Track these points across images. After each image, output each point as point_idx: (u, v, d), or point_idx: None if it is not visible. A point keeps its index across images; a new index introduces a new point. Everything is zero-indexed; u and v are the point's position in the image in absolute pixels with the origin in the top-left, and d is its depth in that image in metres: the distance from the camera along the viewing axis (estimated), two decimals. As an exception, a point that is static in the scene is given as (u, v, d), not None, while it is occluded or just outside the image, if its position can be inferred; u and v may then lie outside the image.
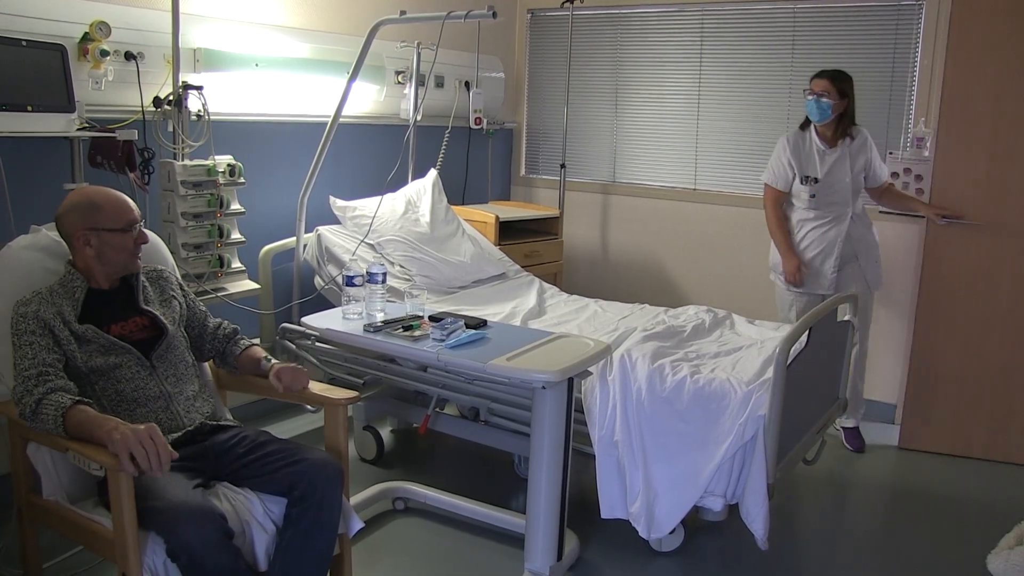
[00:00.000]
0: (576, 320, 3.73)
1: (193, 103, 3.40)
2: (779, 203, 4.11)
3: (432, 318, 2.97)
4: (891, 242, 4.41)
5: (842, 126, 3.98)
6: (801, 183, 4.00)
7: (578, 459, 3.00)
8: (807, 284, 4.06)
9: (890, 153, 4.36)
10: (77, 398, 2.16)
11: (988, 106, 4.07)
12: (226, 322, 2.71)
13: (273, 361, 2.59)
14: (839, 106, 3.91)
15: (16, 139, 2.86)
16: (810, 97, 3.93)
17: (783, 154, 4.05)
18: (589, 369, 2.88)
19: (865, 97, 4.44)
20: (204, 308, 2.71)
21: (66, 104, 2.93)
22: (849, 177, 3.96)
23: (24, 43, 2.81)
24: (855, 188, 4.00)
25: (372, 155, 4.56)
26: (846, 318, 3.36)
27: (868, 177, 4.06)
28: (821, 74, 3.93)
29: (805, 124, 4.06)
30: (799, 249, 4.06)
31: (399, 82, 4.53)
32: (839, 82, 3.90)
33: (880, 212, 4.41)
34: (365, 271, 3.08)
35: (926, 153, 4.29)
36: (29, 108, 2.81)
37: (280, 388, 2.52)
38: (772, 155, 4.14)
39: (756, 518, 2.79)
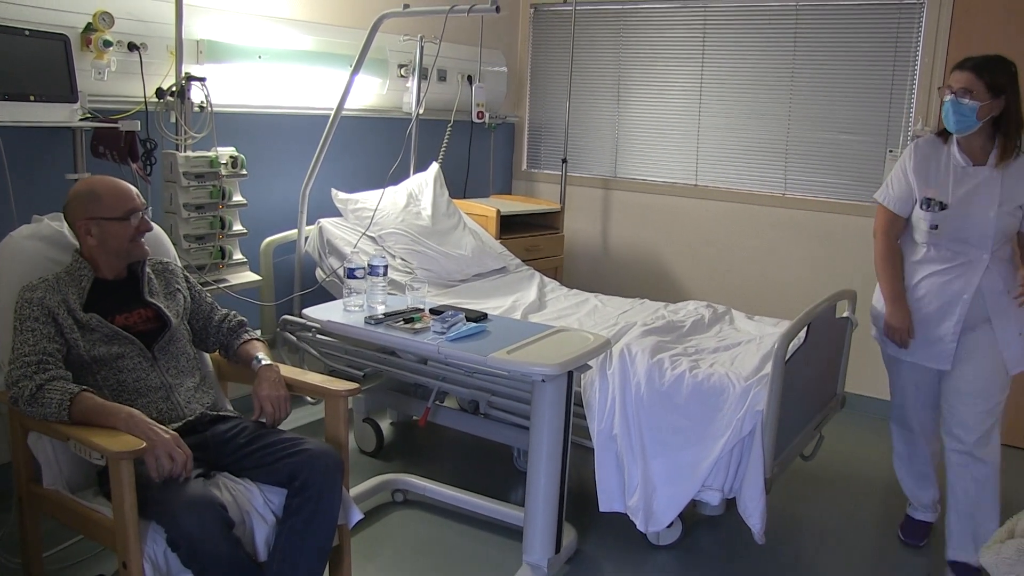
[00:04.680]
0: (576, 314, 3.74)
1: (196, 94, 3.40)
2: (893, 231, 3.02)
3: (433, 311, 2.98)
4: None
5: (999, 138, 2.81)
6: (921, 207, 2.91)
7: (577, 452, 3.01)
8: (916, 350, 3.03)
9: (890, 151, 4.37)
10: (83, 386, 2.18)
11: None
12: (233, 313, 2.71)
13: (263, 362, 2.54)
14: (989, 108, 2.76)
15: (18, 129, 2.86)
16: (947, 97, 2.81)
17: (906, 164, 2.97)
18: (589, 363, 2.89)
19: (865, 95, 4.46)
20: (211, 300, 2.72)
21: (69, 94, 2.93)
22: (994, 210, 2.79)
23: (27, 33, 2.82)
24: (1001, 227, 2.82)
25: (374, 148, 4.57)
26: (845, 315, 3.37)
27: None
28: (963, 64, 2.83)
29: (944, 131, 2.92)
30: (911, 300, 3.00)
31: (402, 75, 4.53)
32: (989, 74, 2.76)
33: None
34: (366, 264, 3.09)
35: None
36: (32, 98, 2.82)
37: (258, 415, 2.45)
38: (895, 165, 3.08)
39: (753, 512, 2.80)
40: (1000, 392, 2.93)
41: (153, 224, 2.55)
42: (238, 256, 3.55)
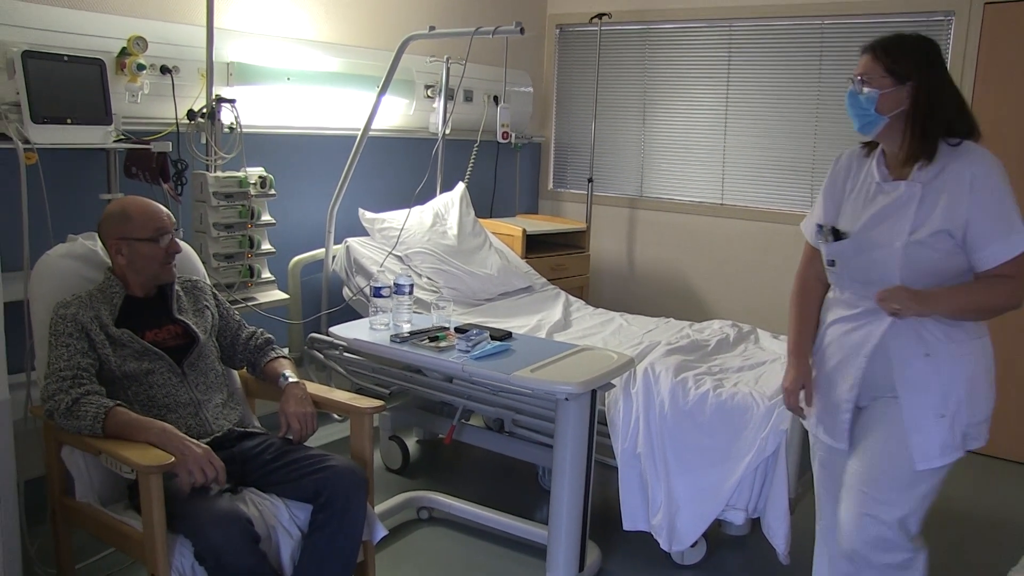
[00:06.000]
0: (601, 333, 3.75)
1: (226, 116, 3.46)
2: (811, 268, 2.40)
3: (458, 330, 3.01)
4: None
5: (915, 139, 2.11)
6: (816, 234, 2.30)
7: (601, 471, 3.01)
8: (818, 419, 2.34)
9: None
10: (117, 401, 2.23)
11: (1018, 123, 4.04)
12: (261, 331, 2.76)
13: (290, 379, 2.58)
14: (894, 100, 2.10)
15: (55, 150, 2.93)
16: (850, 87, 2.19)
17: (825, 183, 2.35)
18: (612, 382, 2.90)
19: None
20: (239, 318, 2.76)
21: (103, 117, 3.00)
22: (902, 240, 2.09)
23: (65, 58, 2.89)
24: (914, 264, 2.09)
25: (401, 168, 4.62)
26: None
27: (966, 248, 2.07)
28: (865, 46, 2.18)
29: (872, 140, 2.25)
30: (816, 352, 2.36)
31: (428, 96, 4.58)
32: (887, 55, 2.12)
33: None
34: (393, 282, 3.12)
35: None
36: (68, 121, 2.88)
37: (284, 432, 2.48)
38: None
39: (778, 532, 2.79)
40: (898, 491, 2.14)
41: (182, 245, 2.59)
42: (266, 275, 3.59)
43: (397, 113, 4.49)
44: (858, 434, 2.25)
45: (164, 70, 3.32)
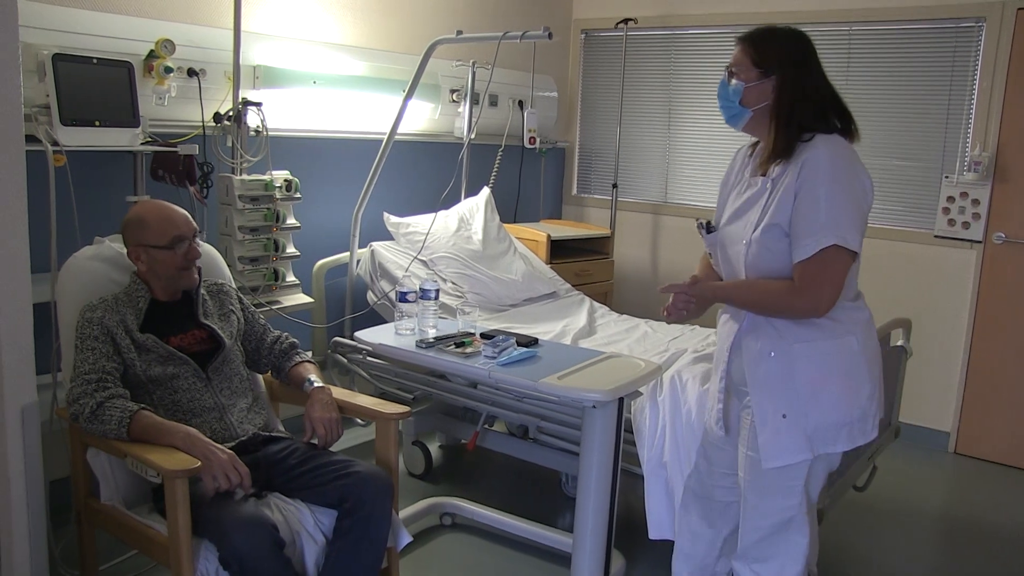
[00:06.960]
0: (626, 340, 3.72)
1: (252, 119, 3.46)
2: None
3: (484, 335, 2.99)
4: (941, 268, 4.34)
5: (773, 135, 2.11)
6: (697, 226, 2.32)
7: (626, 479, 2.98)
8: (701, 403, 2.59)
9: (946, 177, 4.30)
10: (142, 405, 2.22)
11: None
12: (286, 335, 2.75)
13: (315, 384, 2.57)
14: (758, 93, 2.11)
15: (82, 152, 2.94)
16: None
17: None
18: (639, 389, 2.87)
19: (921, 120, 4.39)
20: (263, 322, 2.75)
21: (131, 119, 3.00)
22: (747, 237, 2.12)
23: (95, 61, 2.90)
24: (756, 261, 2.11)
25: (426, 172, 4.61)
26: (899, 343, 3.31)
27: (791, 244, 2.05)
28: (739, 37, 2.17)
29: None
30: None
31: (454, 100, 4.57)
32: (754, 46, 2.12)
33: (935, 236, 4.34)
34: (418, 287, 3.11)
35: (982, 177, 4.19)
36: (96, 123, 2.89)
37: (309, 437, 2.48)
38: None
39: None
40: (766, 497, 2.18)
41: (201, 250, 2.57)
42: (291, 278, 3.59)
43: (423, 117, 4.48)
44: (731, 427, 2.32)
45: (191, 73, 3.33)
